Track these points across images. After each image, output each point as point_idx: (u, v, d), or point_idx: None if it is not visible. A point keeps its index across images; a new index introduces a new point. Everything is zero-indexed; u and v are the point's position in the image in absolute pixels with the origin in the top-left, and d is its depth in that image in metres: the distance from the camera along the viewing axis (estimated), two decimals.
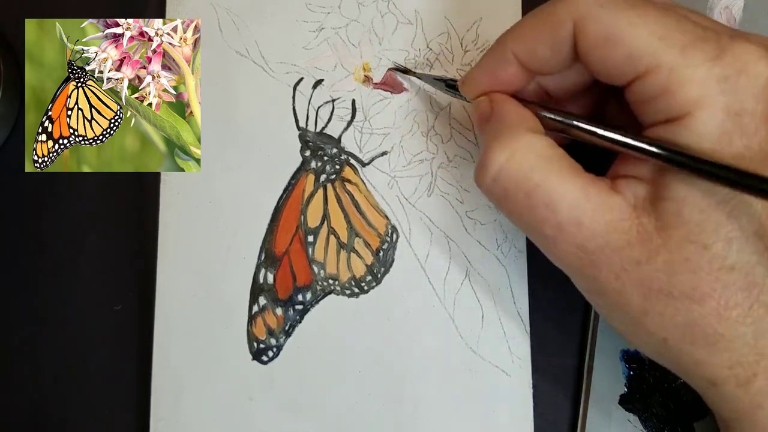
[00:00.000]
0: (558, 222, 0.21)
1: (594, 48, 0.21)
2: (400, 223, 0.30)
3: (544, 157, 0.21)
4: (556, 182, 0.21)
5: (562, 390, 0.30)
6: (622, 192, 0.21)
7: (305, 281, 0.30)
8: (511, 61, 0.23)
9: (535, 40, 0.22)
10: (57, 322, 0.31)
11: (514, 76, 0.23)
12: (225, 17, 0.31)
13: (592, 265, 0.21)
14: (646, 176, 0.21)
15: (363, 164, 0.30)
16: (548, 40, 0.22)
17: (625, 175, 0.21)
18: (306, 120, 0.30)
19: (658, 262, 0.20)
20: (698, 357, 0.20)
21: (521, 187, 0.21)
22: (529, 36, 0.22)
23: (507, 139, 0.22)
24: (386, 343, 0.29)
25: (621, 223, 0.20)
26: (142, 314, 0.30)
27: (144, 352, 0.30)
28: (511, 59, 0.23)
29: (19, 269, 0.31)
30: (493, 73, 0.24)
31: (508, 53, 0.23)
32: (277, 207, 0.30)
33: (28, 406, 0.30)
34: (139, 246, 0.31)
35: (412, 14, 0.31)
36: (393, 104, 0.30)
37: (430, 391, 0.29)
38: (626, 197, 0.21)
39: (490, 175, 0.22)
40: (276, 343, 0.29)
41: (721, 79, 0.19)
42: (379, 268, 0.29)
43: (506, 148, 0.21)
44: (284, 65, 0.30)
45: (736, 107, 0.19)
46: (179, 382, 0.29)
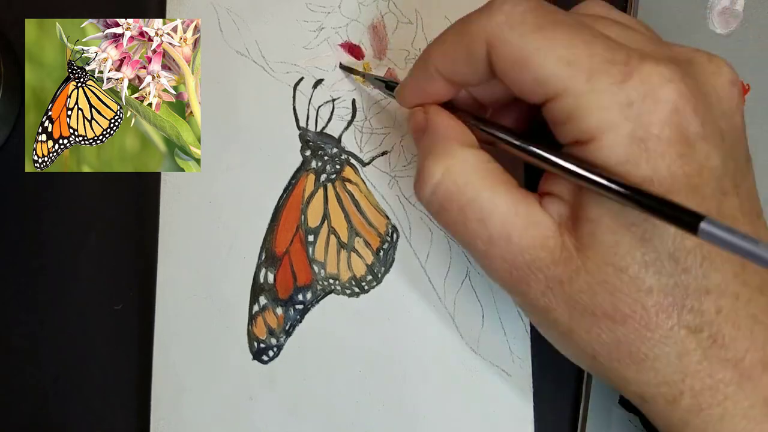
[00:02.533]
0: (489, 236, 0.21)
1: (507, 69, 0.20)
2: (400, 222, 0.30)
3: (477, 172, 0.21)
4: (488, 197, 0.21)
5: (562, 390, 0.30)
6: (548, 209, 0.21)
7: (306, 281, 0.30)
8: (434, 75, 0.23)
9: (453, 55, 0.22)
10: (57, 322, 0.30)
11: (441, 88, 0.23)
12: (225, 17, 0.31)
13: (521, 281, 0.21)
14: (566, 195, 0.21)
15: (363, 164, 0.30)
16: (465, 57, 0.22)
17: (549, 193, 0.21)
18: (306, 120, 0.30)
19: (580, 282, 0.20)
20: (626, 375, 0.20)
21: (455, 201, 0.22)
22: (448, 52, 0.22)
23: (442, 153, 0.22)
24: (387, 343, 0.29)
25: (547, 241, 0.21)
26: (143, 314, 0.30)
27: (144, 352, 0.29)
28: (434, 73, 0.23)
29: (19, 269, 0.31)
30: (421, 86, 0.24)
31: (431, 68, 0.23)
32: (277, 206, 0.30)
33: (28, 406, 0.30)
34: (139, 246, 0.31)
35: (413, 14, 0.31)
36: (393, 104, 0.30)
37: (430, 390, 0.29)
38: (552, 215, 0.21)
39: (427, 189, 0.22)
40: (276, 342, 0.29)
41: (626, 105, 0.19)
42: (379, 268, 0.29)
43: (441, 163, 0.22)
44: (284, 65, 0.30)
45: (640, 133, 0.19)
46: (179, 382, 0.29)
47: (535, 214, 0.21)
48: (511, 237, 0.21)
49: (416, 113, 0.24)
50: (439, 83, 0.23)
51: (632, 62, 0.19)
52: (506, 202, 0.21)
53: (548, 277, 0.21)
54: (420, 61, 0.24)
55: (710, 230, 0.16)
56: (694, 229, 0.16)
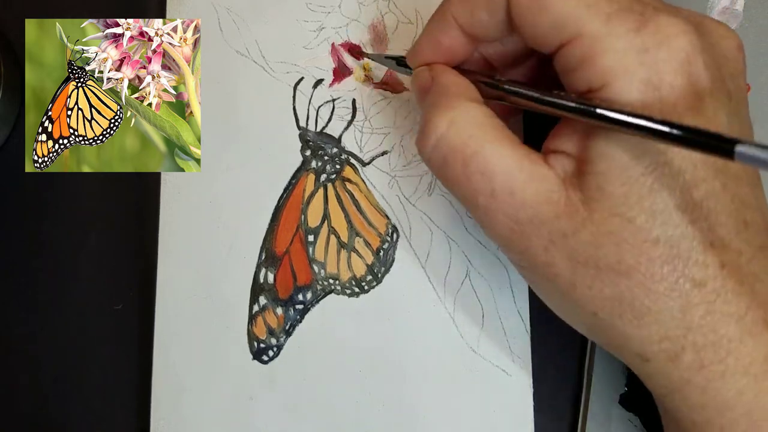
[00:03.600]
0: (492, 190, 0.21)
1: (525, 13, 0.21)
2: (400, 222, 0.30)
3: (481, 126, 0.21)
4: (492, 151, 0.21)
5: (562, 390, 0.30)
6: (552, 165, 0.21)
7: (306, 281, 0.30)
8: (452, 25, 0.23)
9: (474, 3, 0.22)
10: (57, 322, 0.30)
11: (456, 42, 0.23)
12: (225, 17, 0.31)
13: (523, 236, 0.21)
14: (573, 151, 0.21)
15: (363, 164, 0.30)
16: (486, 3, 0.22)
17: (554, 150, 0.21)
18: (306, 119, 0.30)
19: (585, 234, 0.20)
20: (627, 331, 0.20)
21: (459, 154, 0.21)
22: None
23: (447, 107, 0.22)
24: (387, 343, 0.29)
25: (550, 195, 0.20)
26: (143, 314, 0.30)
27: (144, 352, 0.29)
28: (451, 23, 0.23)
29: (19, 269, 0.31)
30: (436, 40, 0.24)
31: (448, 17, 0.23)
32: (277, 206, 0.30)
33: (28, 406, 0.30)
34: (140, 246, 0.31)
35: (413, 14, 0.31)
36: (393, 104, 0.30)
37: (430, 390, 0.29)
38: (556, 170, 0.21)
39: (430, 142, 0.22)
40: (276, 342, 0.29)
41: (641, 51, 0.19)
42: (379, 268, 0.29)
43: (446, 116, 0.22)
44: (284, 65, 0.30)
45: (654, 79, 0.19)
46: (179, 382, 0.29)
47: (539, 169, 0.21)
48: (514, 191, 0.21)
49: (421, 72, 0.24)
50: (455, 35, 0.23)
51: (648, 12, 0.19)
52: (510, 156, 0.21)
53: (551, 231, 0.20)
54: (437, 12, 0.23)
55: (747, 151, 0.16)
56: (730, 153, 0.16)
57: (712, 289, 0.19)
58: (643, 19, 0.19)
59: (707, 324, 0.19)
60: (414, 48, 0.25)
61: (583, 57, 0.20)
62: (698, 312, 0.19)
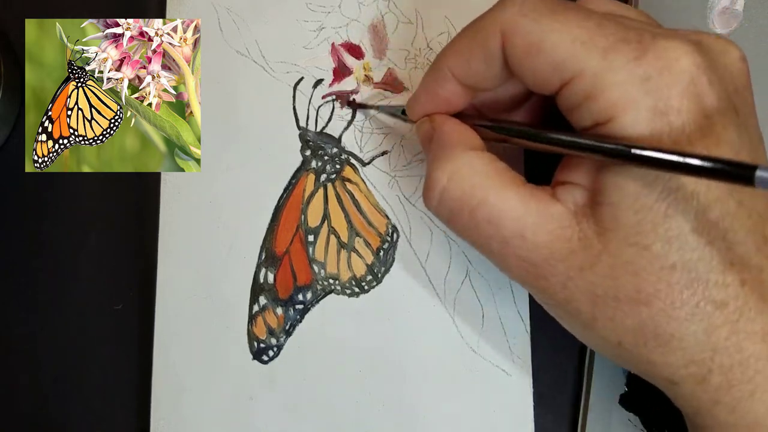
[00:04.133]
0: (503, 237, 0.21)
1: (521, 58, 0.21)
2: (400, 222, 0.30)
3: (483, 174, 0.21)
4: (497, 198, 0.21)
5: (562, 390, 0.30)
6: (562, 199, 0.21)
7: (306, 281, 0.30)
8: (448, 78, 0.23)
9: (468, 54, 0.22)
10: (57, 322, 0.30)
11: (454, 93, 0.23)
12: (225, 17, 0.31)
13: (540, 276, 0.21)
14: (583, 182, 0.21)
15: (363, 164, 0.30)
16: (480, 53, 0.22)
17: (564, 182, 0.21)
18: (306, 119, 0.30)
19: (601, 267, 0.20)
20: (653, 358, 0.20)
21: (465, 205, 0.22)
22: (462, 51, 0.22)
23: (447, 159, 0.22)
24: (387, 343, 0.29)
25: (563, 231, 0.20)
26: (142, 314, 0.30)
27: (144, 352, 0.29)
28: (448, 76, 0.23)
29: (19, 269, 0.31)
30: (433, 92, 0.24)
31: (444, 70, 0.23)
32: (277, 206, 0.30)
33: (28, 406, 0.30)
34: (140, 246, 0.31)
35: (413, 14, 0.31)
36: (393, 104, 0.30)
37: (430, 390, 0.29)
38: (566, 205, 0.21)
39: (435, 197, 0.22)
40: (276, 342, 0.29)
41: (644, 80, 0.19)
42: (379, 268, 0.29)
43: (446, 169, 0.22)
44: (284, 65, 0.30)
45: (661, 106, 0.19)
46: (179, 382, 0.29)
47: (547, 208, 0.21)
48: (524, 235, 0.21)
49: (423, 123, 0.25)
50: (452, 87, 0.23)
51: (645, 39, 0.19)
52: (516, 201, 0.21)
53: (568, 267, 0.20)
54: (433, 66, 0.24)
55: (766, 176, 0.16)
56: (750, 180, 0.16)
57: (734, 309, 0.19)
58: (641, 47, 0.19)
59: (732, 344, 0.19)
60: (412, 101, 0.25)
61: (587, 94, 0.20)
62: (722, 333, 0.19)
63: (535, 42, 0.20)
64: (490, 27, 0.21)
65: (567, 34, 0.20)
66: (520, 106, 0.25)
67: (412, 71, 0.30)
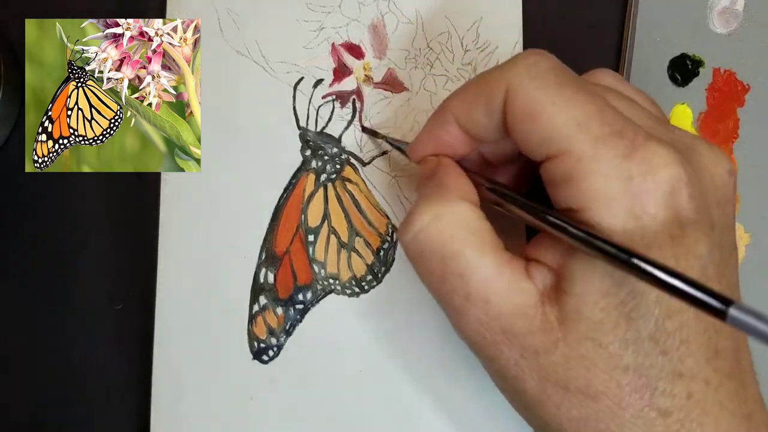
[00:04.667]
0: (467, 294, 0.21)
1: (517, 120, 0.20)
2: (400, 222, 0.30)
3: (466, 227, 0.21)
4: (473, 254, 0.21)
5: None
6: (532, 277, 0.21)
7: (306, 281, 0.30)
8: (451, 122, 0.23)
9: (472, 103, 0.22)
10: (57, 322, 0.30)
11: (456, 139, 0.23)
12: (225, 17, 0.31)
13: (494, 344, 0.21)
14: (554, 264, 0.21)
15: (363, 164, 0.30)
16: (483, 104, 0.22)
17: (535, 260, 0.21)
18: (306, 119, 0.30)
19: (557, 355, 0.20)
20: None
21: (437, 251, 0.21)
22: (467, 99, 0.22)
23: (435, 201, 0.22)
24: (386, 343, 0.29)
25: (527, 309, 0.20)
26: (143, 314, 0.30)
27: (144, 352, 0.29)
28: (451, 121, 0.23)
29: (19, 269, 0.31)
30: (436, 135, 0.24)
31: (448, 115, 0.23)
32: (277, 206, 0.30)
33: (28, 406, 0.30)
34: (140, 246, 0.31)
35: (413, 14, 0.31)
36: (393, 104, 0.30)
37: (430, 390, 0.29)
38: (536, 283, 0.21)
39: (410, 232, 0.22)
40: (276, 342, 0.29)
41: (627, 179, 0.19)
42: (379, 268, 0.29)
43: (431, 209, 0.21)
44: (285, 65, 0.30)
45: (637, 209, 0.19)
46: (179, 382, 0.29)
47: (518, 281, 0.21)
48: (490, 300, 0.20)
49: (430, 160, 0.24)
50: (455, 134, 0.23)
51: (638, 140, 0.19)
52: (491, 263, 0.21)
53: (523, 346, 0.20)
54: (438, 110, 0.23)
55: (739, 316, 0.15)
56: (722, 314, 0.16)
57: (677, 419, 0.19)
58: (632, 146, 0.19)
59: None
60: (416, 142, 0.25)
61: (568, 175, 0.19)
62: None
63: (533, 109, 0.20)
64: (498, 81, 0.21)
65: (566, 111, 0.20)
66: (516, 163, 0.25)
67: (412, 71, 0.30)
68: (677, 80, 0.31)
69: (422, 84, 0.30)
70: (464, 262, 0.21)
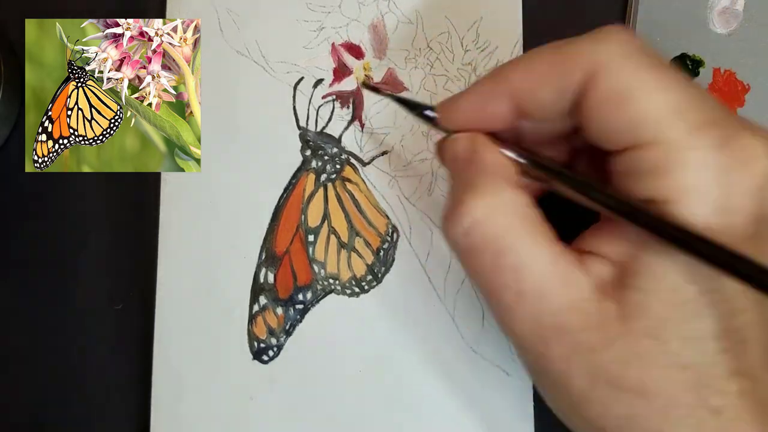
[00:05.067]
0: (521, 290, 0.19)
1: (600, 103, 0.19)
2: (400, 222, 0.30)
3: (520, 218, 0.20)
4: (528, 248, 0.19)
5: None
6: (589, 271, 0.20)
7: (306, 281, 0.30)
8: (506, 96, 0.21)
9: (541, 80, 0.20)
10: (57, 322, 0.30)
11: (503, 113, 0.21)
12: (225, 17, 0.31)
13: (543, 340, 0.20)
14: (616, 257, 0.20)
15: (363, 164, 0.30)
16: (555, 83, 0.20)
17: (591, 252, 0.20)
18: (306, 119, 0.30)
19: (613, 352, 0.19)
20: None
21: (491, 246, 0.20)
22: (535, 73, 0.20)
23: (484, 190, 0.20)
24: (386, 343, 0.29)
25: (583, 304, 0.19)
26: (142, 314, 0.30)
27: (144, 352, 0.29)
28: (506, 94, 0.21)
29: (19, 269, 0.31)
30: (482, 104, 0.21)
31: (504, 85, 0.21)
32: (277, 206, 0.30)
33: (28, 406, 0.30)
34: (139, 246, 0.31)
35: (413, 14, 0.31)
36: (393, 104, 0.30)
37: (430, 390, 0.29)
38: (593, 277, 0.20)
39: (462, 226, 0.20)
40: (276, 342, 0.29)
41: (721, 170, 0.18)
42: (379, 268, 0.29)
43: (484, 201, 0.20)
44: (285, 65, 0.30)
45: (728, 204, 0.18)
46: (179, 382, 0.29)
47: (573, 274, 0.19)
48: (544, 295, 0.19)
49: (461, 140, 0.22)
50: (504, 108, 0.21)
51: (731, 129, 0.18)
52: (545, 257, 0.19)
53: (576, 342, 0.19)
54: (491, 78, 0.21)
55: None
56: None
57: (727, 418, 0.18)
58: (727, 134, 0.18)
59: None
60: (452, 105, 0.22)
61: (657, 166, 0.18)
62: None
63: (624, 91, 0.18)
64: (580, 57, 0.19)
65: (663, 95, 0.18)
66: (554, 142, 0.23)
67: (413, 71, 0.30)
68: None
69: (422, 84, 0.30)
70: (519, 256, 0.19)
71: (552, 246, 0.20)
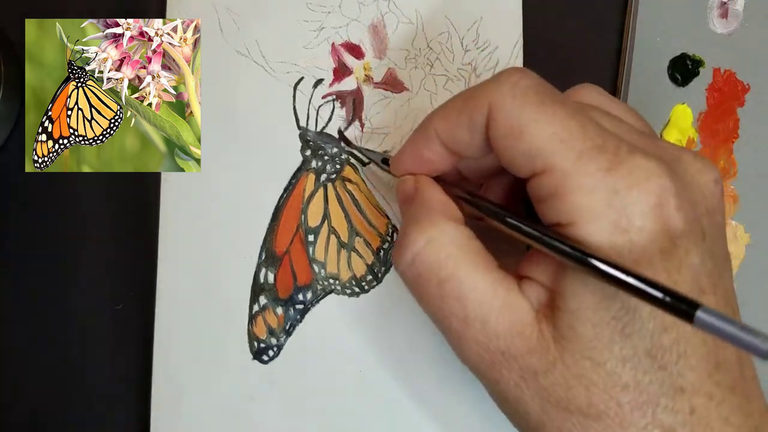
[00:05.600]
0: (465, 316, 0.21)
1: (500, 138, 0.21)
2: (400, 222, 0.30)
3: (459, 248, 0.21)
4: (468, 275, 0.21)
5: None
6: (527, 295, 0.21)
7: (306, 281, 0.30)
8: (434, 139, 0.23)
9: (455, 120, 0.22)
10: (57, 322, 0.30)
11: (438, 155, 0.23)
12: (225, 17, 0.31)
13: (494, 366, 0.21)
14: (546, 282, 0.21)
15: (363, 163, 0.30)
16: (466, 122, 0.22)
17: (528, 277, 0.21)
18: (306, 119, 0.30)
19: (556, 375, 0.20)
20: None
21: (434, 275, 0.21)
22: (450, 116, 0.22)
23: (427, 224, 0.22)
24: (387, 343, 0.29)
25: (523, 328, 0.20)
26: (143, 314, 0.30)
27: (144, 352, 0.29)
28: (434, 138, 0.23)
29: (19, 269, 0.31)
30: (418, 151, 0.24)
31: (431, 131, 0.23)
32: (277, 206, 0.30)
33: (28, 405, 0.30)
34: (140, 246, 0.31)
35: (413, 14, 0.31)
36: (393, 104, 0.30)
37: (430, 390, 0.29)
38: (530, 301, 0.21)
39: (406, 258, 0.22)
40: (276, 342, 0.29)
41: (611, 192, 0.19)
42: (379, 268, 0.29)
43: (424, 233, 0.21)
44: (285, 65, 0.30)
45: (623, 222, 0.19)
46: (179, 382, 0.29)
47: (513, 299, 0.21)
48: (487, 320, 0.20)
49: (406, 180, 0.24)
50: (437, 150, 0.23)
51: (621, 153, 0.19)
52: (485, 283, 0.21)
53: (522, 367, 0.20)
54: (421, 126, 0.24)
55: (706, 319, 0.16)
56: (690, 317, 0.16)
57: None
58: (616, 159, 0.19)
59: None
60: (397, 156, 0.25)
61: (554, 191, 0.19)
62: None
63: (516, 126, 0.20)
64: (480, 99, 0.21)
65: (548, 127, 0.19)
66: (497, 180, 0.25)
67: (413, 71, 0.30)
68: (677, 80, 0.31)
69: (422, 84, 0.30)
70: (460, 283, 0.21)
71: (491, 273, 0.21)
